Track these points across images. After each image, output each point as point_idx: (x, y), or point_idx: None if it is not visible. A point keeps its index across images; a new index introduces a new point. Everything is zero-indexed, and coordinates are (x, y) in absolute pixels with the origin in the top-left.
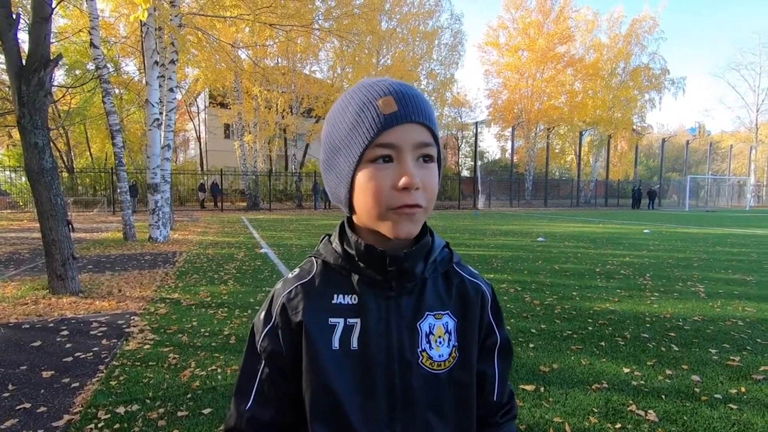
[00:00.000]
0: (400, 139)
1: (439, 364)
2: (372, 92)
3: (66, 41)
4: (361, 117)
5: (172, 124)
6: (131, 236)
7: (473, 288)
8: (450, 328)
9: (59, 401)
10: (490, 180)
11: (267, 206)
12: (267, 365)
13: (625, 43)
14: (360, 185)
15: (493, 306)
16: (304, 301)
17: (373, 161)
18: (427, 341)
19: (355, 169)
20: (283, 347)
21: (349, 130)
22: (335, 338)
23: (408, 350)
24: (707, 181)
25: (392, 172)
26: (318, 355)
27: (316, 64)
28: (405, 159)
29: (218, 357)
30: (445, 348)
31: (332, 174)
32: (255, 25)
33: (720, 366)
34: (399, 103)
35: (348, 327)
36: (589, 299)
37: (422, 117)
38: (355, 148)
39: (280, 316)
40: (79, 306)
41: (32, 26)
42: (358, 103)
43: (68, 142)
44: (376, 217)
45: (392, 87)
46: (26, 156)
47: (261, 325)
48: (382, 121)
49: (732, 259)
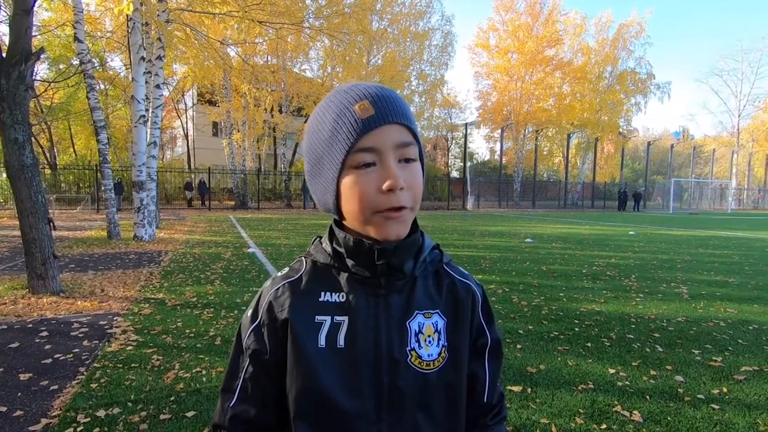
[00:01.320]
0: (380, 142)
1: (428, 364)
2: (348, 98)
3: (50, 35)
4: (339, 124)
5: (158, 121)
6: (115, 235)
7: (464, 289)
8: (439, 328)
9: (37, 405)
10: (479, 181)
11: (255, 205)
12: (251, 363)
13: (612, 47)
14: (345, 191)
15: (483, 307)
16: (290, 298)
17: (356, 167)
18: (416, 340)
19: (339, 176)
20: (267, 345)
21: (329, 139)
22: (321, 336)
23: (397, 349)
24: (690, 184)
25: (376, 175)
26: (303, 352)
27: (306, 62)
28: (387, 161)
29: (203, 358)
30: (435, 347)
31: (318, 183)
32: (244, 22)
33: (703, 366)
34: (375, 105)
35: (335, 325)
36: (576, 300)
37: (399, 117)
38: (336, 156)
39: (266, 314)
40: (59, 306)
41: (13, 18)
42: (335, 110)
43: (51, 138)
44: (363, 221)
45: (367, 91)
46: (6, 152)
47: (248, 323)
48: (361, 126)
49: (714, 260)
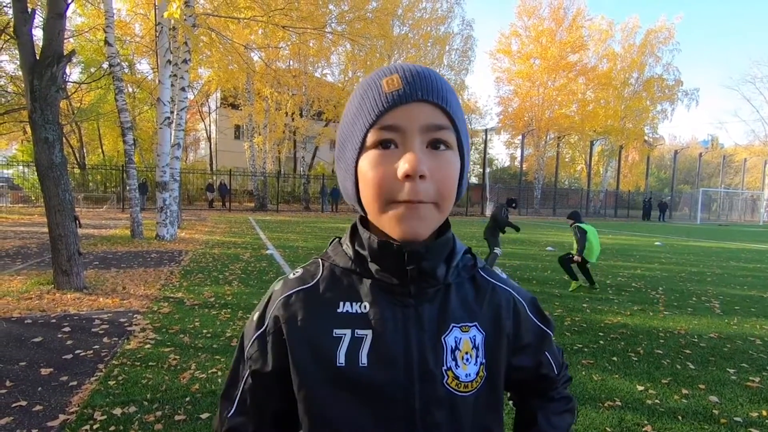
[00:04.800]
0: (404, 120)
1: (465, 386)
2: (379, 74)
3: (83, 39)
4: (364, 99)
5: (182, 123)
6: (138, 234)
7: (505, 296)
8: (477, 343)
9: (56, 400)
10: (499, 187)
11: (275, 207)
12: (251, 375)
13: (639, 53)
14: (362, 175)
15: (533, 310)
16: (303, 309)
17: (375, 146)
18: (452, 358)
19: (357, 158)
20: (270, 358)
21: (353, 117)
22: (340, 353)
23: (431, 368)
24: (720, 194)
25: (396, 158)
26: (318, 372)
27: (328, 67)
28: (410, 143)
29: (219, 359)
30: (473, 366)
31: (340, 168)
32: (268, 27)
33: (739, 387)
34: (404, 80)
35: (356, 339)
36: (599, 312)
37: (432, 95)
38: (357, 134)
39: (273, 322)
40: (82, 302)
41: (47, 22)
42: (364, 86)
43: (81, 139)
44: (378, 210)
45: (401, 66)
46: (36, 150)
47: (253, 328)
48: (384, 101)
49: (747, 275)
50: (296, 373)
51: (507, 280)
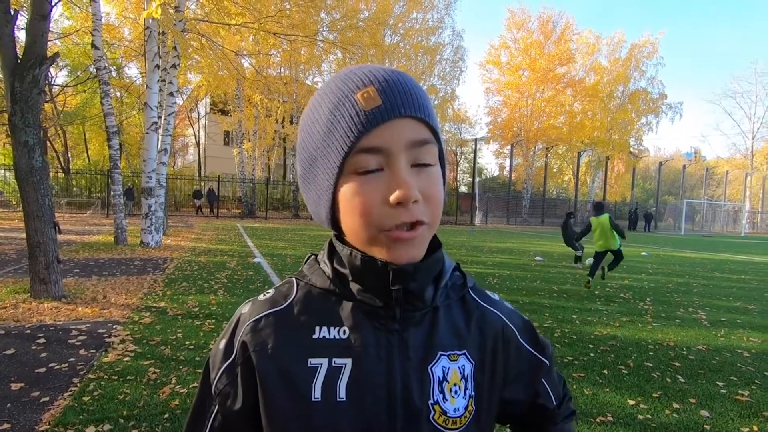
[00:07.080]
0: (388, 141)
1: (454, 422)
2: (349, 84)
3: (70, 43)
4: (336, 117)
5: (170, 129)
6: (122, 240)
7: (494, 320)
8: (466, 374)
9: (25, 417)
10: (488, 197)
11: (263, 214)
12: (220, 411)
13: (624, 67)
14: (344, 202)
15: (525, 337)
16: (275, 335)
17: (358, 172)
18: (440, 390)
19: (336, 183)
20: (240, 393)
21: (324, 136)
22: (316, 385)
23: (416, 402)
24: (703, 205)
25: (383, 183)
26: (292, 408)
27: (319, 75)
28: (397, 165)
29: (201, 373)
30: (461, 400)
31: (311, 190)
32: (259, 34)
33: (729, 401)
34: (383, 93)
35: (334, 370)
36: (589, 323)
37: (414, 109)
38: (333, 157)
39: (241, 350)
40: (60, 312)
41: (30, 23)
42: (333, 100)
43: (66, 143)
44: (367, 240)
45: (374, 75)
46: (16, 154)
47: (219, 359)
48: (363, 120)
49: (732, 285)
50: (265, 409)
51: (498, 302)
